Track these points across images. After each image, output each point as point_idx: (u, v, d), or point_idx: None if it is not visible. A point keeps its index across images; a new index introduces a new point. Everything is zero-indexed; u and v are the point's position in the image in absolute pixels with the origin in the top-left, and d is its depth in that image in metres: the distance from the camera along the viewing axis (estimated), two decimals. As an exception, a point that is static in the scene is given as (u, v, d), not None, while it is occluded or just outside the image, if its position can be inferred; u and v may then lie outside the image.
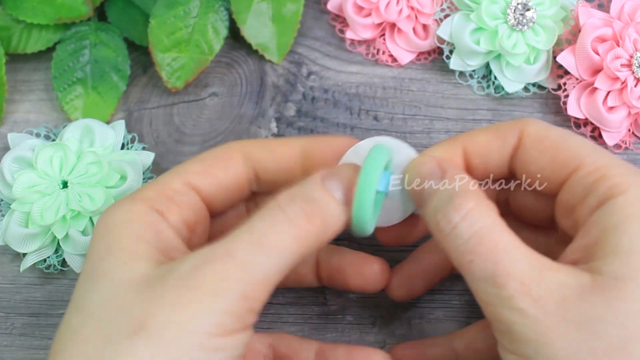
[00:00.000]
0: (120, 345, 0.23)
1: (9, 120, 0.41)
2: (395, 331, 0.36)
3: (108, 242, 0.26)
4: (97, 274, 0.25)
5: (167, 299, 0.23)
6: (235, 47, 0.43)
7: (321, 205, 0.26)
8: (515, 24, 0.39)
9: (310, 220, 0.26)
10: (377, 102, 0.41)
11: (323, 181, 0.27)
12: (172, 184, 0.29)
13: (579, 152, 0.28)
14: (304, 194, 0.26)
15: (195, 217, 0.29)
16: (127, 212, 0.27)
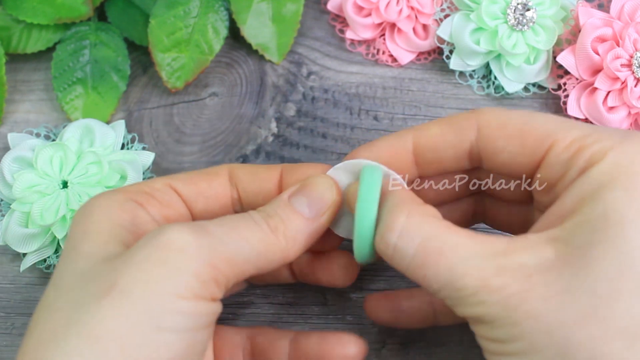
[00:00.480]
0: (89, 307, 0.24)
1: (9, 120, 0.41)
2: (395, 331, 0.36)
3: (86, 226, 0.27)
4: (75, 254, 0.26)
5: (135, 260, 0.24)
6: (235, 47, 0.43)
7: (284, 221, 0.28)
8: (515, 24, 0.39)
9: (274, 232, 0.27)
10: (377, 102, 0.41)
11: (289, 199, 0.28)
12: (153, 183, 0.30)
13: (548, 130, 0.26)
14: (269, 210, 0.28)
15: (175, 214, 0.30)
16: (106, 199, 0.28)
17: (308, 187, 0.29)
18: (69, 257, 0.27)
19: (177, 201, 0.30)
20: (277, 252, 0.27)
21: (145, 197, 0.29)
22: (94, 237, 0.27)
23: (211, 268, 0.25)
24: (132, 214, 0.28)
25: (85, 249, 0.26)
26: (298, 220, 0.28)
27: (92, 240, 0.26)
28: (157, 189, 0.29)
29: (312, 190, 0.29)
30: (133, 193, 0.29)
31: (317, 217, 0.29)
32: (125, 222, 0.27)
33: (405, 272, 0.26)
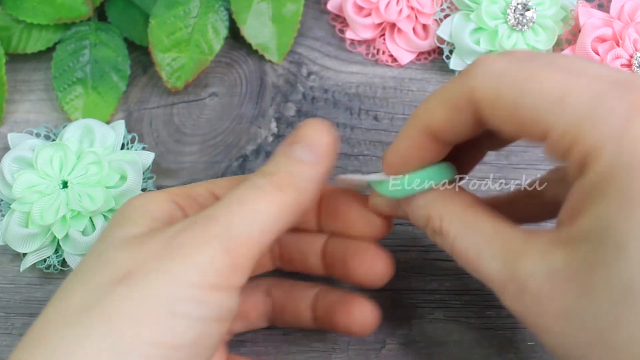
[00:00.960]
0: (104, 291, 0.24)
1: (9, 120, 0.41)
2: (395, 331, 0.36)
3: (122, 218, 0.28)
4: (103, 240, 0.27)
5: (152, 252, 0.24)
6: (235, 47, 0.43)
7: (289, 174, 0.27)
8: (515, 24, 0.39)
9: (281, 189, 0.26)
10: (377, 102, 0.41)
11: (289, 150, 0.27)
12: (196, 188, 0.30)
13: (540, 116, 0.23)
14: (271, 169, 0.27)
15: None
16: (148, 197, 0.29)
17: (301, 134, 0.28)
18: (97, 244, 0.27)
19: None
20: (292, 206, 0.27)
21: (188, 201, 0.29)
22: (126, 226, 0.27)
23: (226, 255, 0.24)
24: (169, 212, 0.28)
25: (116, 235, 0.26)
26: (302, 167, 0.27)
27: (122, 229, 0.27)
28: (199, 194, 0.30)
29: (307, 136, 0.28)
30: (175, 195, 0.29)
31: (320, 160, 0.27)
32: (161, 215, 0.28)
33: None
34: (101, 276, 0.24)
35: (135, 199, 0.29)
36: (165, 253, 0.24)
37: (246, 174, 0.32)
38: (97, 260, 0.26)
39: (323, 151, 0.28)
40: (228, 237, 0.25)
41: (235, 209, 0.26)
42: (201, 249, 0.24)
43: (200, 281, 0.24)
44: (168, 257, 0.24)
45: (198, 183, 0.31)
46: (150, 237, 0.25)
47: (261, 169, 0.28)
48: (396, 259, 0.37)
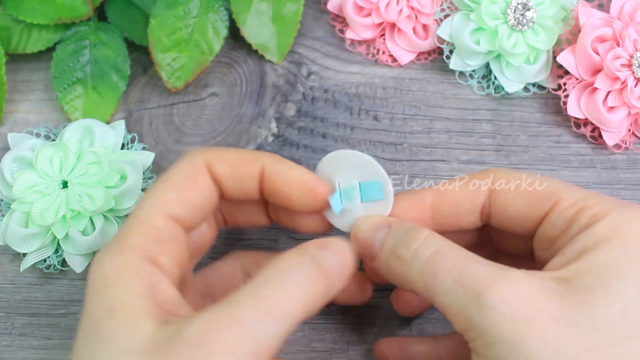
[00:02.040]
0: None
1: (9, 120, 0.41)
2: (395, 331, 0.36)
3: (107, 301, 0.26)
4: (102, 337, 0.25)
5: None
6: (235, 47, 0.43)
7: (327, 271, 0.27)
8: (515, 24, 0.39)
9: (316, 284, 0.26)
10: (377, 102, 0.41)
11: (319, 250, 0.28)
12: (155, 221, 0.28)
13: (554, 190, 0.29)
14: (311, 257, 0.27)
15: (182, 250, 0.29)
16: (120, 265, 0.27)
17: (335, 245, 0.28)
18: (96, 341, 0.25)
19: (181, 234, 0.29)
20: (317, 307, 0.27)
21: (154, 247, 0.27)
22: (120, 317, 0.25)
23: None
24: (150, 281, 0.26)
25: (114, 333, 0.25)
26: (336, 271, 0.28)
27: (119, 322, 0.25)
28: (162, 229, 0.28)
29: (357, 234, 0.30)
30: (143, 248, 0.27)
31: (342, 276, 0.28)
32: (146, 292, 0.26)
33: (415, 275, 0.27)
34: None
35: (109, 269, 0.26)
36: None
37: None
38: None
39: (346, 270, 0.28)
40: (255, 351, 0.24)
41: (265, 316, 0.24)
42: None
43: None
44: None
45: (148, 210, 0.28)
46: (167, 343, 0.24)
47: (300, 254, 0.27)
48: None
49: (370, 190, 0.31)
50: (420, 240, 0.27)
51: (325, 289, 0.27)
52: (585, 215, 0.27)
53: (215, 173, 0.30)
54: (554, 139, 0.40)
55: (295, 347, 0.36)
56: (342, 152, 0.31)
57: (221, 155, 0.30)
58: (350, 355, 0.36)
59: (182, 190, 0.29)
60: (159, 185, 0.29)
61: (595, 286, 0.25)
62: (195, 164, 0.30)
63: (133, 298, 0.26)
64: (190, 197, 0.29)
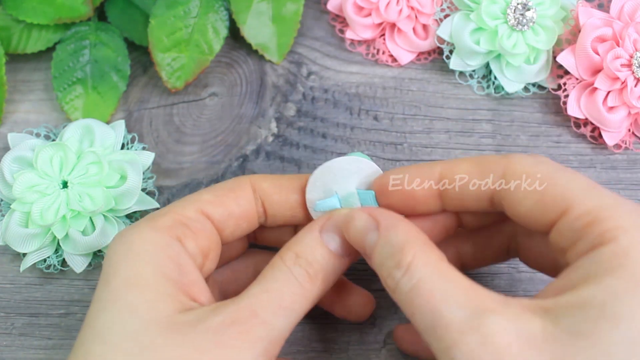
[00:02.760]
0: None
1: (9, 120, 0.41)
2: (395, 331, 0.36)
3: (131, 272, 0.27)
4: (121, 307, 0.26)
5: (197, 348, 0.25)
6: (235, 47, 0.43)
7: (322, 265, 0.29)
8: (515, 24, 0.39)
9: (314, 280, 0.28)
10: (377, 102, 0.41)
11: (322, 233, 0.29)
12: (187, 212, 0.30)
13: (568, 193, 0.26)
14: (306, 255, 0.29)
15: (208, 244, 0.30)
16: (149, 241, 0.28)
17: (339, 223, 0.29)
18: (115, 310, 0.26)
19: (210, 228, 0.30)
20: (316, 299, 0.29)
21: (182, 230, 0.29)
22: (142, 291, 0.26)
23: (265, 356, 0.26)
24: (177, 262, 0.28)
25: (135, 305, 0.26)
26: (332, 259, 0.29)
27: (140, 295, 0.26)
28: (191, 219, 0.29)
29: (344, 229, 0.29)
30: (171, 229, 0.28)
31: (346, 255, 0.29)
32: (172, 272, 0.27)
33: (400, 306, 0.26)
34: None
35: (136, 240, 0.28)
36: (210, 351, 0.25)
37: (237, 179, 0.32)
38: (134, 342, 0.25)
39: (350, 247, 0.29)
40: (270, 341, 0.26)
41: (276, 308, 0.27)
42: (245, 353, 0.26)
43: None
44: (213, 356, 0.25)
45: (183, 203, 0.30)
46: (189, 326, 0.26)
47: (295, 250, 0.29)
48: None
49: (367, 199, 0.31)
50: (404, 269, 0.26)
51: (323, 280, 0.29)
52: (594, 231, 0.24)
53: (259, 188, 0.31)
54: (554, 139, 0.40)
55: (295, 347, 0.36)
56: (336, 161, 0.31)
57: (265, 175, 0.32)
58: (350, 355, 0.35)
59: (219, 195, 0.31)
60: (201, 190, 0.31)
61: (582, 332, 0.22)
62: (239, 179, 0.32)
63: (157, 276, 0.27)
64: (226, 202, 0.30)
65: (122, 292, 0.26)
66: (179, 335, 0.25)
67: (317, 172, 0.31)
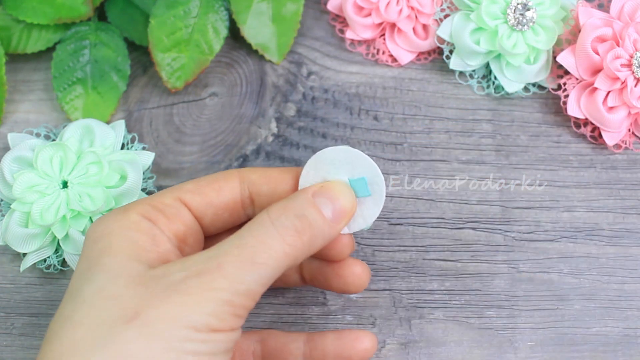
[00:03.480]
0: (114, 330, 0.25)
1: (9, 120, 0.41)
2: (395, 331, 0.36)
3: (105, 244, 0.28)
4: (94, 269, 0.27)
5: (159, 297, 0.25)
6: (235, 47, 0.43)
7: (310, 222, 0.28)
8: (515, 24, 0.39)
9: (300, 235, 0.28)
10: (377, 102, 0.41)
11: (314, 197, 0.29)
12: (162, 198, 0.30)
13: None
14: (295, 209, 0.28)
15: (185, 229, 0.30)
16: (121, 219, 0.28)
17: (331, 191, 0.30)
18: (88, 274, 0.27)
19: (187, 214, 0.30)
20: (299, 257, 0.28)
21: (155, 214, 0.29)
22: (115, 255, 0.27)
23: (229, 306, 0.26)
24: (150, 233, 0.28)
25: (107, 266, 0.27)
26: (322, 221, 0.29)
27: (113, 257, 0.27)
28: (167, 205, 0.30)
29: (336, 197, 0.29)
30: (144, 211, 0.29)
31: (336, 222, 0.29)
32: (146, 243, 0.28)
33: None
34: (108, 312, 0.25)
35: (110, 222, 0.28)
36: (172, 299, 0.25)
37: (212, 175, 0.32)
38: (102, 294, 0.26)
39: (342, 216, 0.29)
40: (233, 292, 0.26)
41: (245, 263, 0.26)
42: (207, 300, 0.25)
43: (204, 326, 0.25)
44: (174, 304, 0.25)
45: (163, 191, 0.30)
46: (154, 279, 0.26)
47: (284, 205, 0.28)
48: (396, 259, 0.37)
49: (359, 187, 0.31)
50: None
51: (309, 240, 0.28)
52: None
53: (248, 179, 0.31)
54: (554, 139, 0.40)
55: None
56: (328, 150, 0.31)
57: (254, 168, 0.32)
58: (350, 355, 0.36)
59: (201, 186, 0.31)
60: (185, 181, 0.31)
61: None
62: (226, 172, 0.32)
63: (129, 244, 0.27)
64: (206, 191, 0.30)
65: (96, 259, 0.27)
66: (142, 287, 0.26)
67: (310, 162, 0.31)
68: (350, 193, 0.30)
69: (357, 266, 0.33)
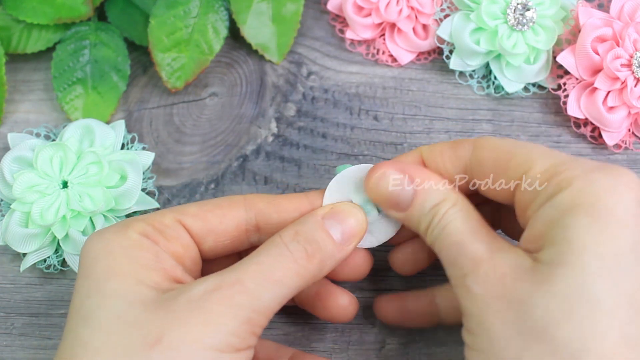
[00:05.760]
0: (137, 357, 0.25)
1: (9, 120, 0.41)
2: (395, 331, 0.36)
3: (108, 265, 0.27)
4: (105, 293, 0.27)
5: (181, 318, 0.25)
6: (235, 47, 0.43)
7: (320, 246, 0.29)
8: (515, 24, 0.39)
9: (310, 259, 0.29)
10: (377, 102, 0.41)
11: (323, 220, 0.30)
12: (163, 219, 0.30)
13: (530, 156, 0.29)
14: (306, 234, 0.29)
15: (182, 252, 0.30)
16: (121, 238, 0.28)
17: (340, 214, 0.30)
18: (99, 297, 0.27)
19: (186, 237, 0.30)
20: (309, 279, 0.29)
21: (154, 234, 0.29)
22: (121, 278, 0.27)
23: (248, 324, 0.26)
24: (152, 251, 0.28)
25: (118, 291, 0.26)
26: (331, 245, 0.29)
27: (120, 282, 0.27)
28: (166, 225, 0.29)
29: (346, 218, 0.30)
30: (144, 230, 0.29)
31: (345, 245, 0.30)
32: (150, 261, 0.28)
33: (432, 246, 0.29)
34: (131, 339, 0.25)
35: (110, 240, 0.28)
36: (193, 318, 0.25)
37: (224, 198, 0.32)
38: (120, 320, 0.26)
39: (351, 238, 0.30)
40: (253, 310, 0.26)
41: (264, 280, 0.27)
42: (227, 318, 0.26)
43: (227, 346, 0.26)
44: (196, 324, 0.25)
45: (164, 211, 0.30)
46: (172, 299, 0.26)
47: (295, 229, 0.29)
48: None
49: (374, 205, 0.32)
50: (439, 216, 0.29)
51: (319, 263, 0.29)
52: (552, 182, 0.27)
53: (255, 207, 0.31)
54: (554, 139, 0.40)
55: (295, 347, 0.36)
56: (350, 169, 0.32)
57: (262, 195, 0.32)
58: (350, 355, 0.35)
59: (204, 210, 0.31)
60: (189, 203, 0.31)
61: (557, 261, 0.25)
62: (232, 197, 0.32)
63: (134, 266, 0.27)
64: (209, 217, 0.30)
65: (103, 282, 0.27)
66: (161, 309, 0.26)
67: (332, 184, 0.32)
68: (361, 214, 0.31)
69: (344, 298, 0.33)
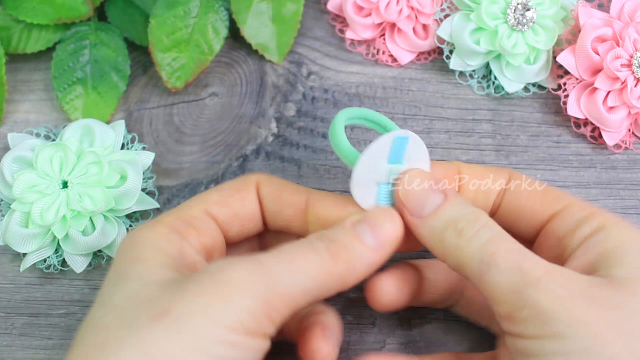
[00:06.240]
0: (140, 329, 0.24)
1: (9, 120, 0.41)
2: (395, 331, 0.36)
3: (135, 254, 0.28)
4: (125, 277, 0.27)
5: (191, 291, 0.24)
6: (235, 47, 0.43)
7: (346, 246, 0.28)
8: (515, 24, 0.39)
9: (335, 258, 0.27)
10: (377, 102, 0.41)
11: (353, 226, 0.29)
12: (191, 211, 0.30)
13: (565, 196, 0.31)
14: (331, 236, 0.28)
15: (212, 243, 0.30)
16: (151, 232, 0.29)
17: (372, 218, 0.29)
18: (118, 281, 0.27)
19: (214, 228, 0.30)
20: (337, 279, 0.27)
21: (185, 228, 0.29)
22: (144, 263, 0.27)
23: (265, 305, 0.25)
24: (178, 245, 0.28)
25: (137, 272, 0.26)
26: (360, 247, 0.28)
27: (142, 265, 0.27)
28: (195, 218, 0.30)
29: (377, 222, 0.29)
30: (174, 224, 0.29)
31: (379, 248, 0.29)
32: (174, 253, 0.28)
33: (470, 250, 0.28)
34: (139, 312, 0.24)
35: (140, 234, 0.29)
36: (205, 292, 0.24)
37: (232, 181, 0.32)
38: (133, 298, 0.25)
39: (386, 241, 0.29)
40: (272, 289, 0.25)
41: (285, 263, 0.26)
42: (243, 294, 0.24)
43: (237, 326, 0.24)
44: (207, 297, 0.24)
45: (189, 203, 0.30)
46: (187, 277, 0.26)
47: (323, 232, 0.28)
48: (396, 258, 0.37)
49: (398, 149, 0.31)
50: (483, 222, 0.28)
51: (345, 264, 0.27)
52: (595, 219, 0.29)
53: (261, 192, 0.31)
54: (554, 139, 0.40)
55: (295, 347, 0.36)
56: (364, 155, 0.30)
57: (271, 179, 0.32)
58: (350, 355, 0.35)
59: (225, 196, 0.31)
60: (208, 190, 0.31)
61: (633, 277, 0.26)
62: (246, 179, 0.32)
63: (160, 253, 0.27)
64: (231, 202, 0.31)
65: (127, 267, 0.27)
66: (177, 287, 0.25)
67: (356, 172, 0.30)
68: (396, 217, 0.30)
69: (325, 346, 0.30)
